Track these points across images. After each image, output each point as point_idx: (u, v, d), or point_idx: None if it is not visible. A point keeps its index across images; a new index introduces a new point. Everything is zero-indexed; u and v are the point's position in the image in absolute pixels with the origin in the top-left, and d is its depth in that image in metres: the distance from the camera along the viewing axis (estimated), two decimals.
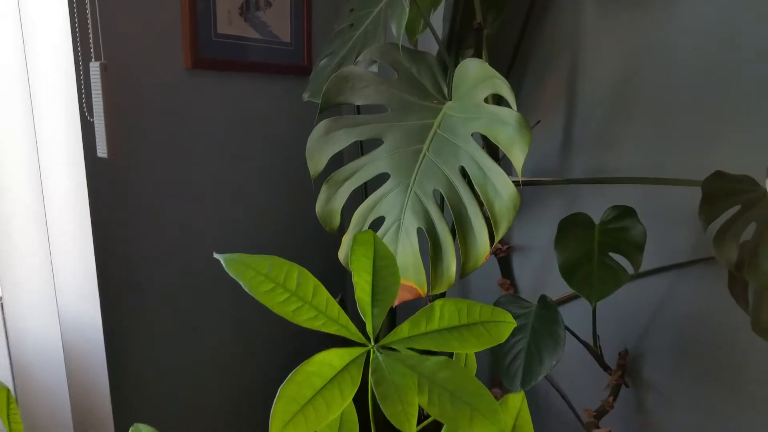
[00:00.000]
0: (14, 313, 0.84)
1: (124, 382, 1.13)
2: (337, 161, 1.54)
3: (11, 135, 0.78)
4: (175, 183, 1.17)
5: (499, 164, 0.87)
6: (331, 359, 0.47)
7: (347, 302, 1.42)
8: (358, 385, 0.47)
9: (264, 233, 1.38)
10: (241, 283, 0.49)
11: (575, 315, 1.34)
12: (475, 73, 0.79)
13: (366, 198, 0.89)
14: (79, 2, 0.82)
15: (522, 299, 1.11)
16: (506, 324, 0.57)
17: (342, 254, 0.83)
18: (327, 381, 0.46)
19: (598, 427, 1.23)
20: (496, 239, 0.71)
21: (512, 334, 1.08)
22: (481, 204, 0.74)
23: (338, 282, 1.57)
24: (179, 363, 1.25)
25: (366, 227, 0.83)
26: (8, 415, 0.54)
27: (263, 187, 1.36)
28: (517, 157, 0.72)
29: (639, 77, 1.16)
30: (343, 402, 0.46)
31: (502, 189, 0.72)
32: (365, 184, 0.98)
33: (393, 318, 1.32)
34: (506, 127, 0.73)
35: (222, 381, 1.36)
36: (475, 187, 0.74)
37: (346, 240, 0.83)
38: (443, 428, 0.54)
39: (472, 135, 0.79)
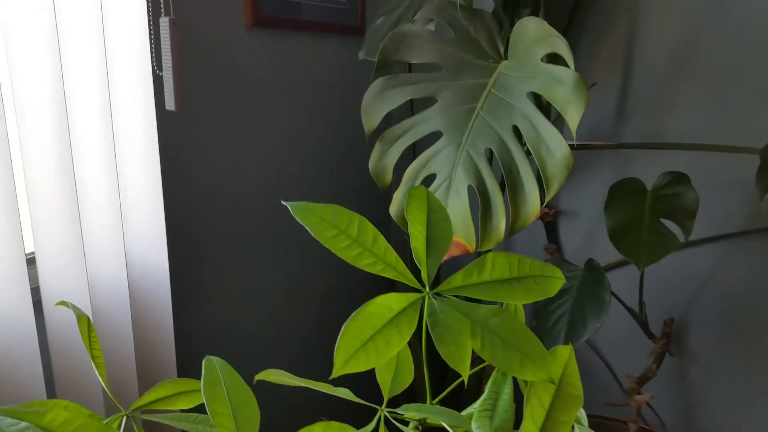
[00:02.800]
0: (89, 256, 0.90)
1: (187, 322, 1.20)
2: (388, 121, 1.56)
3: (86, 87, 0.82)
4: (234, 135, 1.22)
5: None
6: (391, 302, 0.50)
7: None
8: (415, 327, 0.50)
9: (316, 186, 1.42)
10: (307, 228, 0.51)
11: (622, 282, 1.34)
12: (533, 32, 0.79)
13: (415, 157, 0.90)
14: None
15: (568, 263, 1.12)
16: (555, 279, 0.59)
17: (393, 209, 0.86)
18: (386, 321, 0.49)
19: (639, 393, 1.23)
20: (547, 199, 0.72)
21: (556, 296, 1.09)
22: (532, 164, 0.75)
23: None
24: (239, 304, 1.31)
25: (417, 184, 0.85)
26: (90, 342, 0.59)
27: (316, 142, 1.39)
28: (573, 117, 0.72)
29: (700, 40, 1.13)
30: (401, 341, 0.48)
31: (556, 149, 0.72)
32: (413, 144, 0.99)
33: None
34: (563, 86, 0.73)
35: (284, 318, 1.42)
36: (528, 146, 0.75)
37: (398, 196, 0.85)
38: (494, 371, 0.56)
39: (527, 95, 0.79)
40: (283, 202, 0.52)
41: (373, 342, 0.47)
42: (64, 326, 0.87)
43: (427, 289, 0.53)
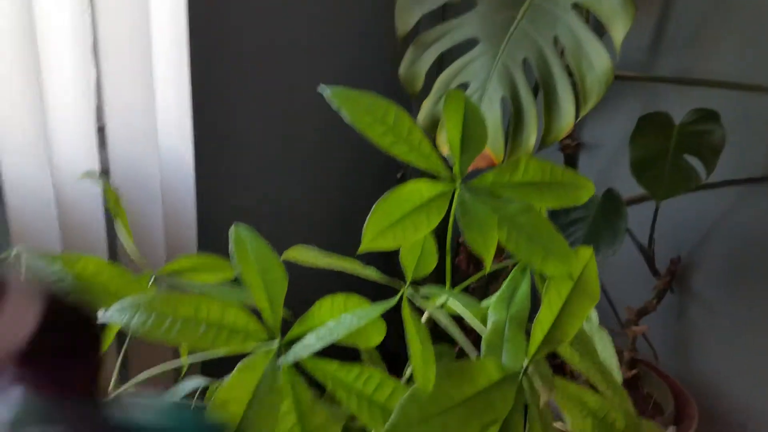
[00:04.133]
0: (116, 139, 0.91)
1: (209, 209, 1.22)
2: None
3: None
4: (265, 32, 1.20)
5: None
6: (421, 188, 0.51)
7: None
8: (443, 215, 0.51)
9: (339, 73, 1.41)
10: (344, 114, 0.52)
11: (634, 219, 1.35)
12: None
13: (442, 68, 0.89)
14: None
15: None
16: (585, 189, 0.60)
17: (422, 117, 0.85)
18: (416, 206, 0.50)
19: (636, 324, 1.27)
20: (582, 113, 0.72)
21: (571, 223, 1.10)
22: (571, 76, 0.74)
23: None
24: (261, 191, 1.34)
25: None
26: (116, 210, 0.61)
27: (343, 38, 1.37)
28: (618, 32, 0.70)
29: None
30: (429, 226, 0.50)
31: (597, 62, 0.71)
32: (441, 54, 0.98)
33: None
34: None
35: (306, 210, 1.45)
36: (568, 58, 0.74)
37: (427, 104, 0.85)
38: (513, 269, 0.58)
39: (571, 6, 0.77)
40: (321, 87, 0.52)
41: (401, 223, 0.49)
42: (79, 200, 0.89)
43: (459, 180, 0.53)
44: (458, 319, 0.57)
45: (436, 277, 0.63)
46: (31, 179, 0.83)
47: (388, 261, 0.81)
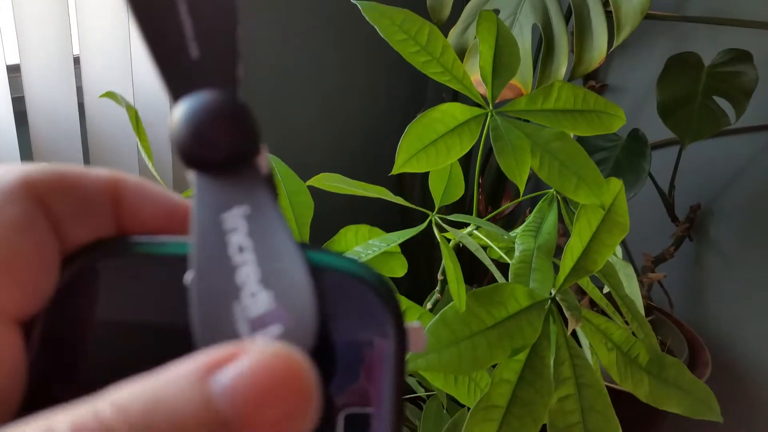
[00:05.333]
0: (90, 73, 0.88)
1: None
2: None
3: None
4: None
5: None
6: (455, 111, 0.49)
7: None
8: (476, 139, 0.50)
9: None
10: (377, 29, 0.50)
11: (656, 164, 1.32)
12: None
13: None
14: None
15: (611, 133, 1.10)
16: (617, 117, 0.58)
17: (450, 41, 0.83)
18: (449, 129, 0.48)
19: (653, 271, 1.26)
20: (616, 42, 0.69)
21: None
22: (606, 5, 0.71)
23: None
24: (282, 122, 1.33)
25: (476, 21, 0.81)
26: (138, 132, 0.60)
27: None
28: None
29: None
30: (462, 150, 0.49)
31: None
32: None
33: None
34: None
35: (328, 142, 1.44)
36: None
37: (455, 31, 0.82)
38: (539, 201, 0.57)
39: None
40: (354, 0, 0.50)
41: (434, 146, 0.48)
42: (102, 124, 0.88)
43: (491, 106, 0.52)
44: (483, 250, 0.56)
45: (460, 209, 0.62)
46: (55, 101, 0.83)
47: (408, 198, 0.80)
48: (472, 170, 1.28)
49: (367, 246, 0.49)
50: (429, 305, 0.66)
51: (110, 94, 0.62)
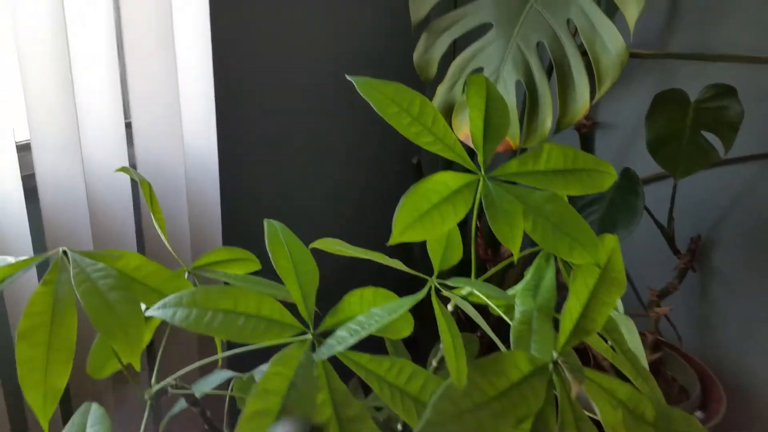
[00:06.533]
0: (141, 135, 0.91)
1: (233, 209, 1.23)
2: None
3: None
4: (284, 26, 1.20)
5: None
6: (447, 180, 0.50)
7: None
8: (470, 206, 0.51)
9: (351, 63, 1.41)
10: (370, 103, 0.51)
11: (652, 198, 1.34)
12: None
13: (454, 53, 0.87)
14: None
15: None
16: (608, 174, 0.59)
17: (436, 102, 0.85)
18: (443, 198, 0.50)
19: (659, 306, 1.26)
20: (598, 95, 0.71)
21: (588, 203, 1.09)
22: (585, 60, 0.73)
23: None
24: (285, 196, 1.35)
25: (462, 78, 0.83)
26: (152, 205, 0.61)
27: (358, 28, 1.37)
28: (632, 13, 0.69)
29: None
30: (456, 217, 0.50)
31: (611, 44, 0.70)
32: (454, 41, 0.97)
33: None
34: None
35: (327, 203, 1.46)
36: (582, 40, 0.72)
37: (441, 89, 0.84)
38: (537, 257, 0.58)
39: None
40: (348, 77, 0.52)
41: (429, 215, 0.49)
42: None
43: (482, 171, 0.53)
44: (481, 308, 0.57)
45: (458, 266, 0.62)
46: (63, 177, 0.85)
47: (409, 255, 0.80)
48: (469, 222, 1.28)
49: (369, 316, 0.50)
50: (435, 362, 0.66)
51: (125, 169, 0.63)
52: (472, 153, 0.54)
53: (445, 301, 0.55)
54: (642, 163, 1.33)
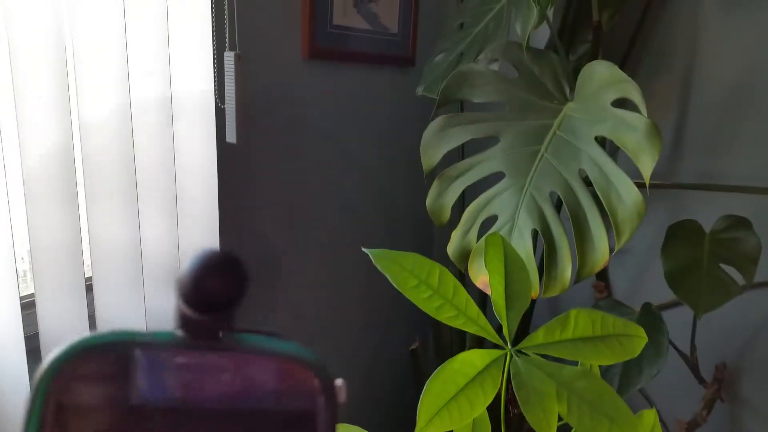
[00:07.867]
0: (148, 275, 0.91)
1: None
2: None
3: (152, 117, 0.84)
4: (291, 167, 1.23)
5: None
6: (473, 359, 0.48)
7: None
8: (499, 386, 0.49)
9: (371, 220, 1.43)
10: (388, 277, 0.51)
11: (672, 324, 1.30)
12: (603, 76, 0.78)
13: (465, 197, 0.88)
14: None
15: (623, 304, 1.09)
16: (639, 338, 0.57)
17: (451, 249, 0.84)
18: (470, 380, 0.47)
19: None
20: (617, 247, 0.70)
21: None
22: (600, 209, 0.73)
23: None
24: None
25: (477, 225, 0.83)
26: None
27: (372, 174, 1.40)
28: (646, 165, 0.70)
29: (757, 80, 1.11)
30: (485, 401, 0.47)
31: (627, 195, 0.71)
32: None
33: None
34: (634, 132, 0.72)
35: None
36: (597, 192, 0.73)
37: (456, 235, 0.84)
38: None
39: (594, 139, 0.77)
40: (364, 249, 0.51)
41: (456, 401, 0.46)
42: None
43: (509, 345, 0.51)
44: None
45: None
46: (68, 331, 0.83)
47: None
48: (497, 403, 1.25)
49: None
50: None
51: None
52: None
53: None
54: (659, 289, 1.31)
